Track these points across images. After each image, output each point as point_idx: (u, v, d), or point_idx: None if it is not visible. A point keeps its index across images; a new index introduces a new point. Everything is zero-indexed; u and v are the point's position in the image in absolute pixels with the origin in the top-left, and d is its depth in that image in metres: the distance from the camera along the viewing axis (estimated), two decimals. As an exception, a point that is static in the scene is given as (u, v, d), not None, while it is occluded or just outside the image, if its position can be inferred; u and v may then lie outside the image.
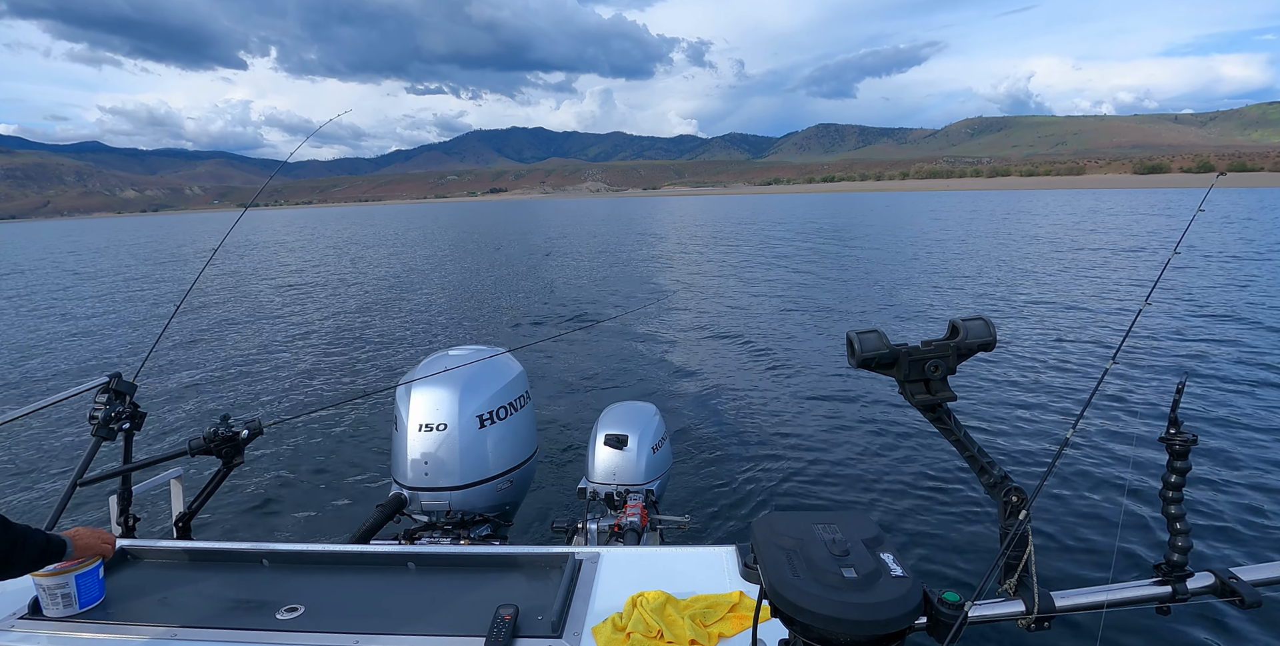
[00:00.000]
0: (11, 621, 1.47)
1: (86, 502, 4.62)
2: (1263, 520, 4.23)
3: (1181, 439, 1.02)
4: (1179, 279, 13.81)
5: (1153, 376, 7.38)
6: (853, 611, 0.80)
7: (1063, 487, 4.75)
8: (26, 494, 5.39)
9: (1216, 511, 4.34)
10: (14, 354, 10.80)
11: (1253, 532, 4.10)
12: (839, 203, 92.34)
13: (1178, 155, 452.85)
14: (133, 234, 53.24)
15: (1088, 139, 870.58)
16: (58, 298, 17.93)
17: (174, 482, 2.34)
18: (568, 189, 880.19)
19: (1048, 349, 8.81)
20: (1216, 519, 4.25)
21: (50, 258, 34.74)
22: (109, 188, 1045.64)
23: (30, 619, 1.48)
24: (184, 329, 12.18)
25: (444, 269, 22.56)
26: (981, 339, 1.01)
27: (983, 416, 6.35)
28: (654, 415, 3.13)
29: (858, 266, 18.94)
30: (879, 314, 11.96)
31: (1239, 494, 4.56)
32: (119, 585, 1.62)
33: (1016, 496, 1.02)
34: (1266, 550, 3.92)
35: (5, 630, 1.44)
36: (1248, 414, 6.09)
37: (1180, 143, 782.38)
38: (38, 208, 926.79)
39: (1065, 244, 22.82)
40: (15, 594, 1.56)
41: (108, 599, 1.55)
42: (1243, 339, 8.88)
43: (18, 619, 1.48)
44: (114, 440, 2.10)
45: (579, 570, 1.60)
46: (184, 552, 1.76)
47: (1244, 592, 1.01)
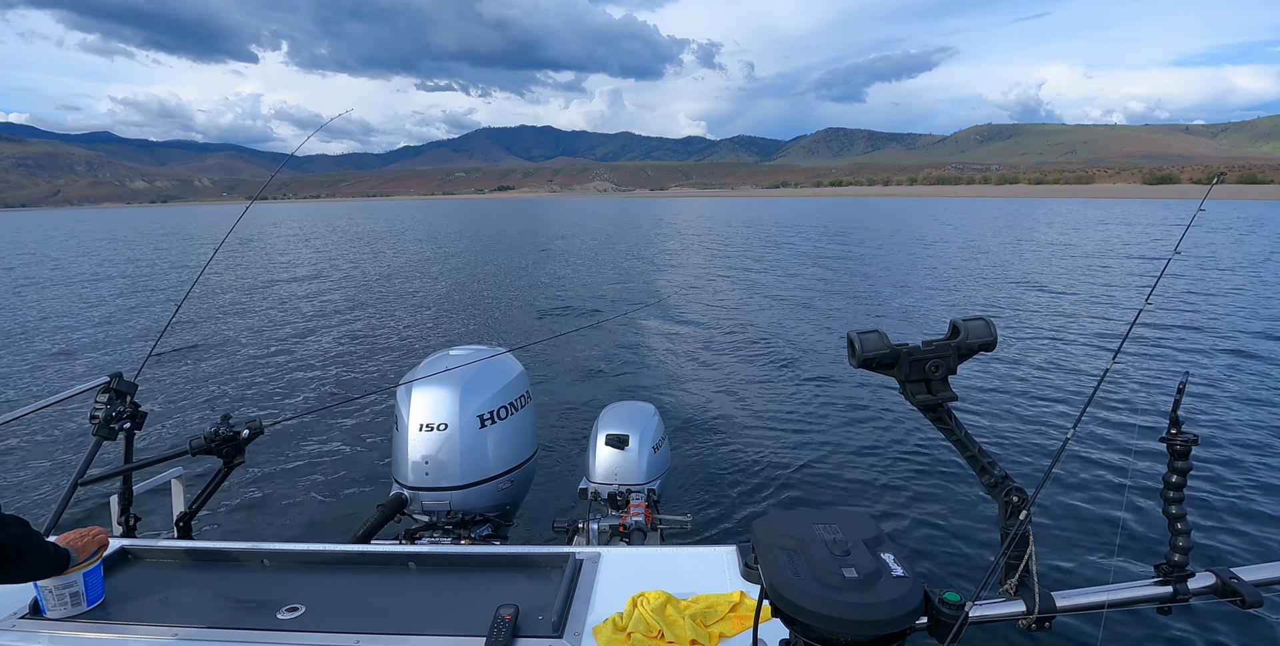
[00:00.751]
0: (12, 621, 1.47)
1: (86, 502, 4.62)
2: (1264, 520, 4.23)
3: (1182, 439, 1.02)
4: (1180, 279, 13.80)
5: (1153, 376, 7.38)
6: (853, 611, 0.80)
7: (1064, 488, 4.74)
8: (26, 494, 5.39)
9: (1217, 511, 4.34)
10: (14, 353, 10.81)
11: (1253, 532, 4.10)
12: (844, 207, 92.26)
13: (1187, 166, 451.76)
14: (138, 230, 53.15)
15: (1097, 148, 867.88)
16: (59, 298, 17.93)
17: (175, 482, 2.34)
18: (575, 188, 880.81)
19: (1048, 349, 8.81)
20: (1217, 519, 4.25)
21: (57, 252, 34.77)
22: (119, 178, 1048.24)
23: (31, 618, 1.48)
24: (185, 328, 12.18)
25: (445, 268, 22.56)
26: (982, 339, 1.01)
27: (984, 416, 6.35)
28: (653, 415, 3.14)
29: (859, 267, 18.94)
30: (879, 314, 11.96)
31: (1240, 494, 4.56)
32: (119, 585, 1.62)
33: (1017, 496, 1.02)
34: (1267, 550, 3.92)
35: (6, 630, 1.44)
36: (1248, 414, 6.08)
37: (1191, 153, 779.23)
38: (48, 196, 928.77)
39: (1067, 246, 22.81)
40: (15, 594, 1.56)
41: (108, 599, 1.55)
42: (1243, 339, 8.88)
43: (18, 619, 1.48)
44: (114, 440, 2.10)
45: (579, 570, 1.60)
46: (184, 552, 1.76)
47: (1245, 593, 1.01)
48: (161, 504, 4.52)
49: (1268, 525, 4.17)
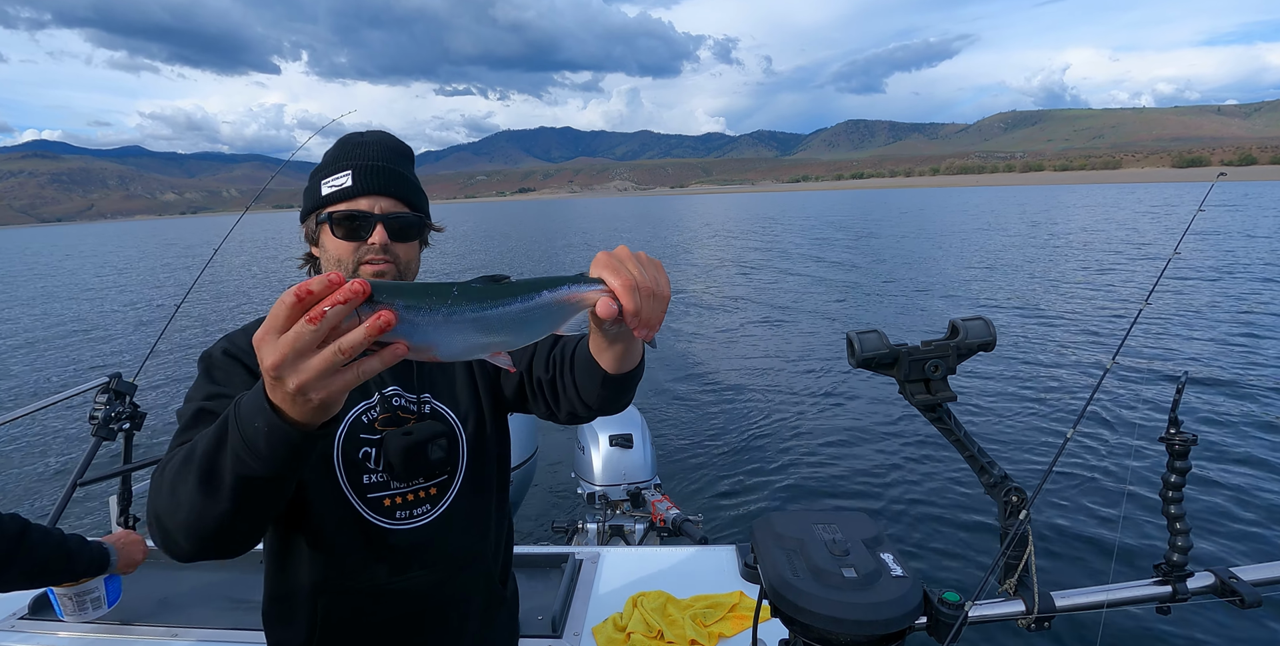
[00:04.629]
0: (12, 621, 1.47)
1: (86, 502, 4.62)
2: (1263, 520, 4.23)
3: (1181, 438, 1.02)
4: (1180, 278, 13.81)
5: (1153, 376, 7.38)
6: (853, 611, 0.80)
7: (1063, 487, 4.75)
8: (27, 494, 5.39)
9: (1217, 511, 4.34)
10: (14, 354, 10.81)
11: (1253, 532, 4.10)
12: (860, 201, 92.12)
13: (1219, 147, 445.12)
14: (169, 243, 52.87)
15: (1126, 132, 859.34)
16: (57, 298, 17.94)
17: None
18: (595, 188, 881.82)
19: (1048, 348, 8.81)
20: (1216, 519, 4.25)
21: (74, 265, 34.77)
22: (150, 191, 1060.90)
23: (31, 619, 1.48)
24: (185, 328, 12.18)
25: (447, 265, 22.57)
26: (981, 339, 1.01)
27: (983, 416, 6.36)
28: (636, 412, 3.20)
29: (860, 266, 18.95)
30: (879, 313, 11.97)
31: (1239, 494, 4.56)
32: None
33: (1016, 496, 1.02)
34: (1267, 550, 3.92)
35: (6, 630, 1.44)
36: (1248, 413, 6.09)
37: (1223, 135, 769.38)
38: (82, 211, 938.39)
39: (1069, 242, 22.83)
40: (16, 594, 1.56)
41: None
42: (1244, 338, 8.88)
43: (18, 619, 1.48)
44: (114, 440, 2.10)
45: (579, 570, 1.60)
46: (184, 552, 1.76)
47: (1244, 592, 1.01)
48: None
49: (1267, 525, 4.17)
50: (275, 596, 1.07)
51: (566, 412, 1.07)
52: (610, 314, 0.76)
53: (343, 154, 1.09)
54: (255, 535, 0.81)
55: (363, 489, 1.03)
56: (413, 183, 1.12)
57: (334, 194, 1.06)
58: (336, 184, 1.06)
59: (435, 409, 1.10)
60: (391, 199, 1.07)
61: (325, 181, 1.07)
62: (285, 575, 1.05)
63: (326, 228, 1.06)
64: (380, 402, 1.06)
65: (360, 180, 1.05)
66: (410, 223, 1.09)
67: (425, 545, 1.06)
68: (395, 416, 1.06)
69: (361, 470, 1.03)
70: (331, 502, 1.01)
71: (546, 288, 0.73)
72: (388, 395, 1.07)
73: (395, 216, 1.07)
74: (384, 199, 1.06)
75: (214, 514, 0.73)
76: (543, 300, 0.72)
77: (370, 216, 1.05)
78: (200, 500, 0.72)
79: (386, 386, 1.08)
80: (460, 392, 1.14)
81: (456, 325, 0.64)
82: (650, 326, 0.79)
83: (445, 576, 1.08)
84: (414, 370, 1.11)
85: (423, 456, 1.02)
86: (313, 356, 0.57)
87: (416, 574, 1.05)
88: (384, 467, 1.03)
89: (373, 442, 1.03)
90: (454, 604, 1.10)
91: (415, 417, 1.07)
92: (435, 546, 1.07)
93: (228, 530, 0.75)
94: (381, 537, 1.03)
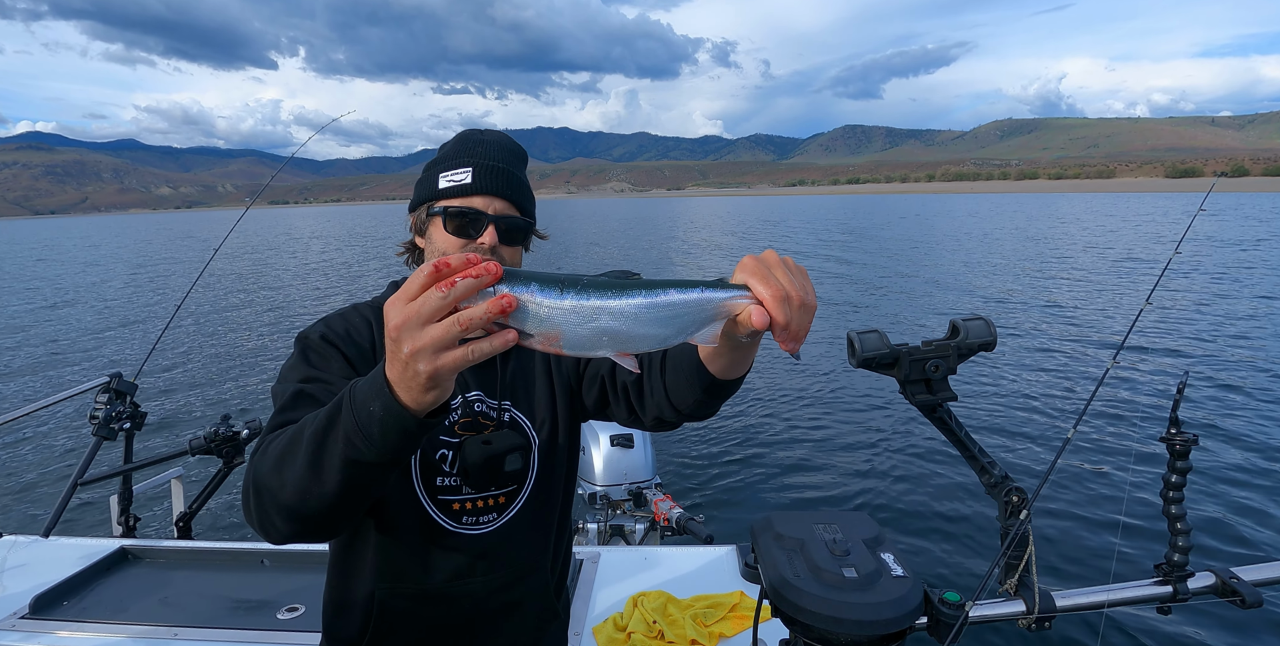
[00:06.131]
0: (13, 621, 1.47)
1: (87, 502, 4.62)
2: (1263, 520, 4.23)
3: (1182, 438, 1.02)
4: (1181, 278, 13.80)
5: (1154, 376, 7.38)
6: (853, 611, 0.80)
7: (1063, 487, 4.74)
8: (27, 494, 5.39)
9: (1217, 511, 4.34)
10: (14, 354, 10.81)
11: (1253, 532, 4.10)
12: (856, 206, 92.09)
13: (1212, 158, 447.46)
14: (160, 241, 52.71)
15: (1121, 142, 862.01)
16: (58, 297, 17.95)
17: (174, 482, 2.34)
18: (592, 189, 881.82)
19: (1049, 349, 8.81)
20: (1217, 519, 4.25)
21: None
22: (144, 184, 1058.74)
23: (31, 618, 1.48)
24: (185, 328, 12.18)
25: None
26: (982, 339, 1.01)
27: (983, 416, 6.35)
28: None
29: (860, 266, 18.95)
30: (879, 313, 11.96)
31: (1239, 494, 4.56)
32: (119, 585, 1.62)
33: (1017, 496, 1.02)
34: (1267, 550, 3.92)
35: (7, 630, 1.44)
36: (1248, 413, 6.08)
37: (1217, 146, 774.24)
38: (76, 203, 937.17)
39: (1069, 244, 22.82)
40: (16, 594, 1.57)
41: (109, 599, 1.55)
42: (1244, 338, 8.88)
43: (19, 619, 1.48)
44: (114, 440, 2.11)
45: (579, 570, 1.60)
46: (184, 552, 1.76)
47: (1245, 592, 1.01)
48: (161, 504, 4.53)
49: (1268, 525, 4.17)
50: (335, 590, 1.08)
51: (653, 418, 1.04)
52: (762, 325, 0.70)
53: (464, 150, 1.09)
54: (348, 522, 0.82)
55: (434, 490, 1.03)
56: (527, 188, 1.12)
57: (451, 189, 1.06)
58: (455, 179, 1.06)
59: (514, 417, 1.10)
60: (506, 201, 1.07)
61: (444, 175, 1.07)
62: (347, 570, 1.06)
63: (439, 221, 1.06)
64: (463, 405, 1.06)
65: (479, 179, 1.05)
66: (520, 226, 1.09)
67: (487, 552, 1.06)
68: (475, 421, 1.06)
69: (436, 471, 1.03)
70: (402, 500, 1.02)
71: (677, 287, 0.69)
72: (470, 399, 1.07)
73: (507, 219, 1.06)
74: (499, 200, 1.06)
75: (317, 495, 0.74)
76: (676, 300, 0.69)
77: (484, 216, 1.05)
78: (306, 483, 0.73)
79: (470, 390, 1.07)
80: (539, 403, 1.13)
81: (582, 315, 0.65)
82: (798, 340, 0.72)
83: (503, 584, 1.08)
84: (497, 377, 1.10)
85: (499, 468, 1.02)
86: (433, 324, 0.60)
87: (475, 579, 1.05)
88: (458, 472, 1.03)
89: (451, 445, 1.04)
90: (508, 612, 1.09)
91: (494, 425, 1.07)
92: (497, 553, 1.07)
93: (327, 514, 0.76)
94: (445, 540, 1.04)
